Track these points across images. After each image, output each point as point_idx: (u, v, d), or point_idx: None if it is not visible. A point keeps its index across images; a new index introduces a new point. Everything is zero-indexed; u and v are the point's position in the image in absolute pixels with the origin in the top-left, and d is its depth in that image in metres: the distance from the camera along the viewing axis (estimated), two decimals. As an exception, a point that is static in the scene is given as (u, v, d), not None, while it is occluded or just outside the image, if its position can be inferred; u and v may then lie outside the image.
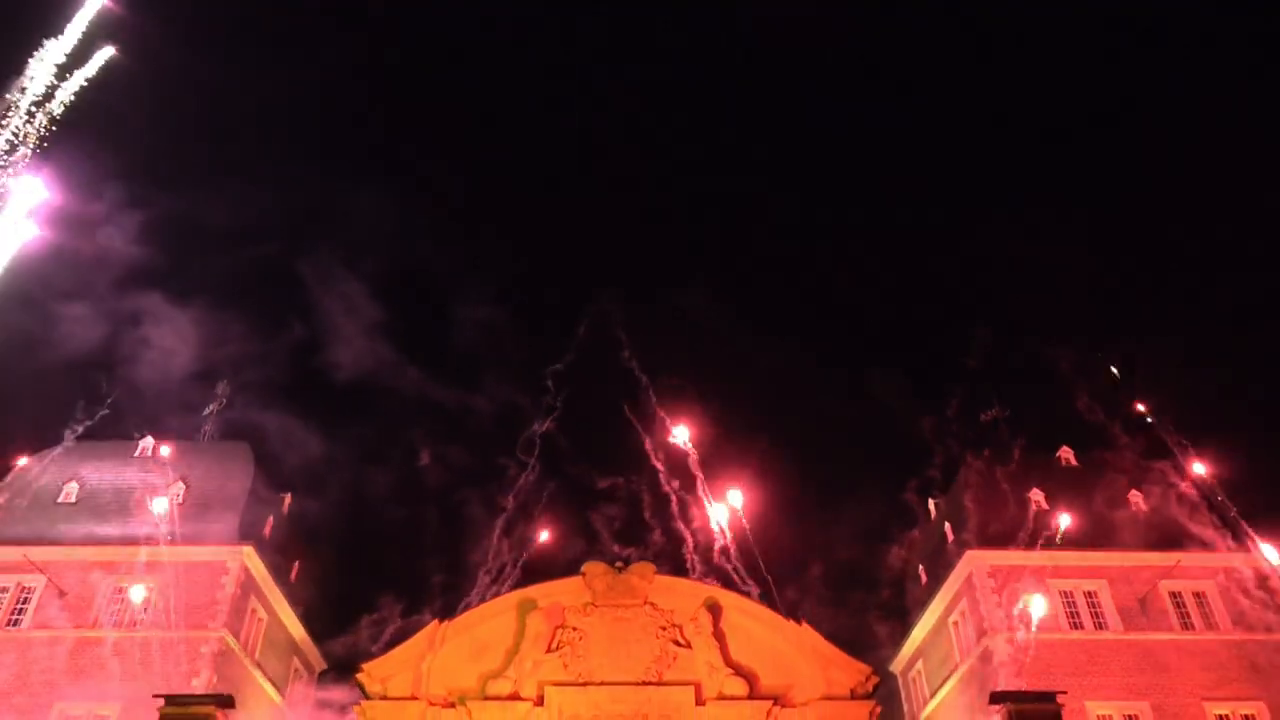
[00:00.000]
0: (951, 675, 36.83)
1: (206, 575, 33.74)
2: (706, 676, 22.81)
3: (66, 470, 36.84)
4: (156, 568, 33.73)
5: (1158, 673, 32.34)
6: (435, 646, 23.29)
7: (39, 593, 33.18)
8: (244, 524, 35.64)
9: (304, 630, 40.04)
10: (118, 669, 31.59)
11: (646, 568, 24.86)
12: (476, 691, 22.56)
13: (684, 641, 23.46)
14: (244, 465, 38.12)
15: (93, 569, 33.77)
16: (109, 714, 30.36)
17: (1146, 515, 36.23)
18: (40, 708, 30.14)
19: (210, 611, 32.94)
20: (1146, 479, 37.07)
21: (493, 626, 23.85)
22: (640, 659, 23.14)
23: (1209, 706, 31.59)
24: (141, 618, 33.03)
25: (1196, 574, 34.60)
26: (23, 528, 34.56)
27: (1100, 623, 33.93)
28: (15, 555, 33.29)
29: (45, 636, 32.13)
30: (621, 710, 22.29)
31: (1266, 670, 32.10)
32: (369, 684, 22.68)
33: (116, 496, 35.94)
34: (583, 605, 24.05)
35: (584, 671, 22.97)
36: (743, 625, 23.91)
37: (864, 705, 22.40)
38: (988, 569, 34.90)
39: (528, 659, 23.10)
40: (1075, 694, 30.62)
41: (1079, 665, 32.53)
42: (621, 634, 23.57)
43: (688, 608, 23.96)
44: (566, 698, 22.41)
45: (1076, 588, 34.68)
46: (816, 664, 23.02)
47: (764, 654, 23.37)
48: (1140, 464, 37.36)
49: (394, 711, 22.10)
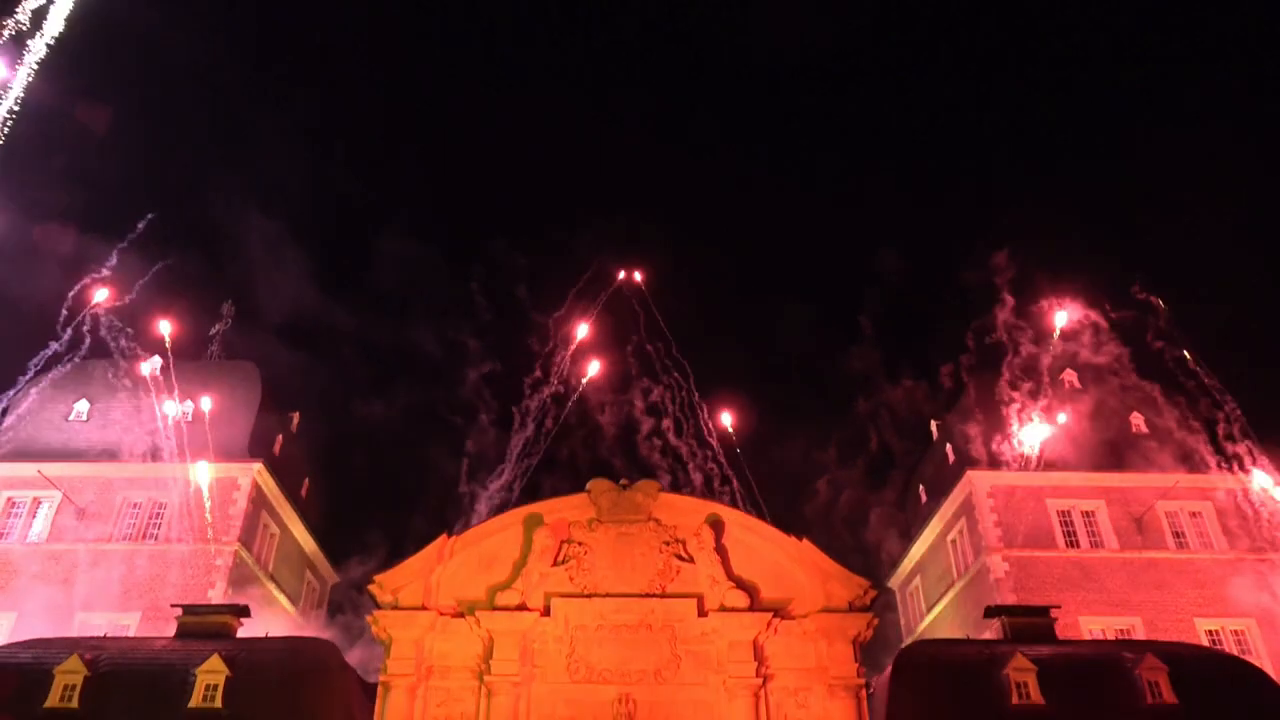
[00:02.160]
0: (949, 591, 37.66)
1: (218, 491, 34.34)
2: (708, 589, 23.31)
3: (76, 389, 37.19)
4: (168, 484, 34.34)
5: (1151, 590, 33.03)
6: (444, 559, 23.78)
7: (54, 507, 33.87)
8: (253, 442, 36.12)
9: (315, 545, 40.92)
10: (134, 581, 32.46)
11: (651, 485, 25.17)
12: (485, 602, 23.10)
13: (687, 556, 23.90)
14: (251, 384, 38.42)
15: (105, 485, 34.41)
16: (129, 623, 31.28)
17: (1147, 437, 36.50)
18: (61, 618, 31.03)
19: (223, 526, 33.65)
20: (1148, 401, 37.24)
21: (500, 540, 24.29)
22: (644, 572, 23.63)
23: (1200, 623, 32.33)
24: (155, 532, 33.80)
25: (1194, 495, 35.04)
26: (36, 444, 35.07)
27: (1097, 541, 34.51)
28: (30, 471, 33.89)
29: (63, 550, 32.93)
30: (626, 620, 22.85)
31: (1258, 589, 32.73)
32: (380, 595, 23.23)
33: (126, 414, 36.33)
34: (588, 521, 24.43)
35: (589, 584, 23.49)
36: (744, 540, 24.32)
37: (862, 617, 22.89)
38: (987, 488, 35.38)
39: (534, 571, 23.60)
40: (1069, 609, 31.34)
41: (1074, 582, 33.21)
42: (626, 548, 24.02)
43: (691, 523, 24.34)
44: (572, 608, 22.96)
45: (1074, 507, 35.18)
46: (816, 578, 23.47)
47: (765, 568, 23.83)
48: (1143, 386, 37.48)
49: (405, 620, 22.67)
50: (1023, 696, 22.58)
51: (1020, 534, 34.26)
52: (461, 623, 22.86)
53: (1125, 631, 31.84)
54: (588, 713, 22.08)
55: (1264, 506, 34.76)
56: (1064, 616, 29.41)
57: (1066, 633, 29.03)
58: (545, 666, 22.55)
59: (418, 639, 22.62)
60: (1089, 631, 31.72)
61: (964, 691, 22.77)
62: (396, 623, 22.74)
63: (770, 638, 22.74)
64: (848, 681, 22.09)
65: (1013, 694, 22.63)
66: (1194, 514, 35.03)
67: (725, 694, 22.06)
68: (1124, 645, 26.57)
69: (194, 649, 23.61)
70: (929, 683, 23.21)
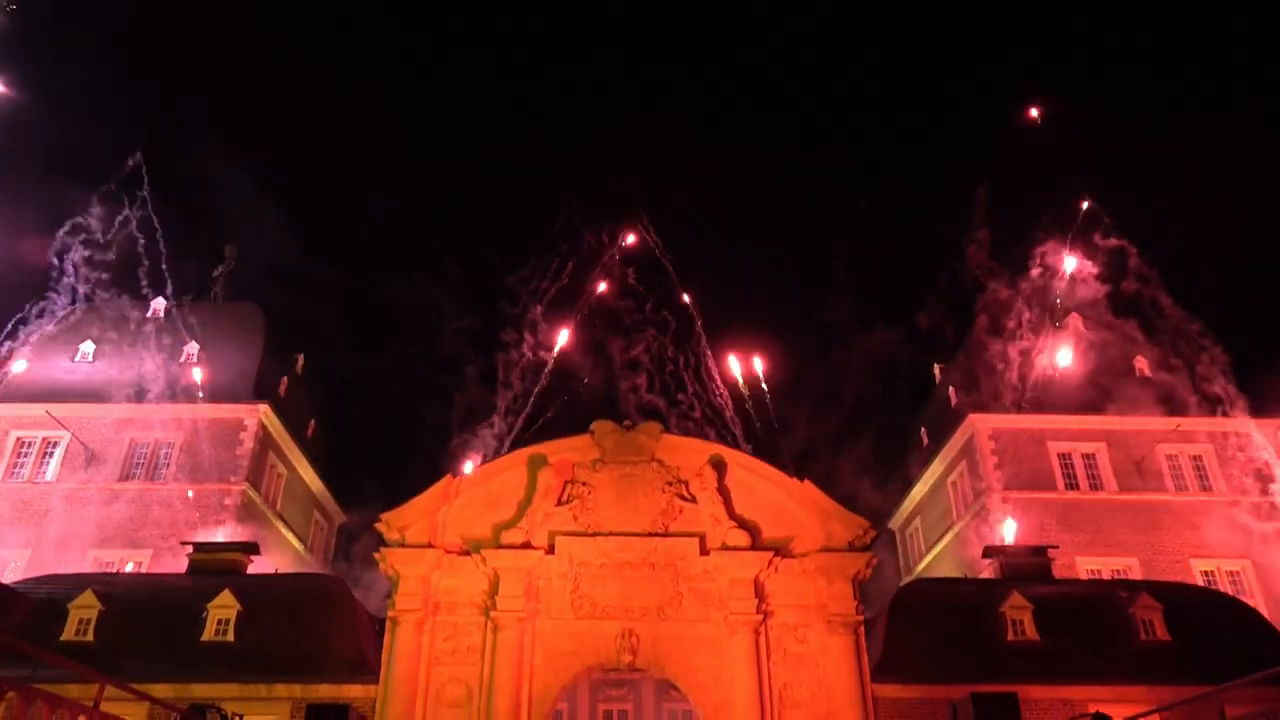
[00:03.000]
0: (948, 532, 38.12)
1: (225, 432, 34.66)
2: (710, 528, 23.57)
3: (80, 331, 37.32)
4: (175, 424, 34.65)
5: (1149, 531, 33.41)
6: (450, 498, 24.03)
7: (64, 448, 34.23)
8: (259, 383, 36.31)
9: (322, 485, 41.39)
10: (144, 520, 32.95)
11: (653, 426, 25.29)
12: (490, 540, 23.41)
13: (689, 496, 24.12)
14: (255, 326, 38.50)
15: (113, 425, 34.71)
16: (141, 560, 31.84)
17: (1150, 381, 36.55)
18: (75, 555, 31.57)
19: (231, 466, 34.03)
20: (1152, 345, 37.22)
21: (504, 480, 24.52)
22: (647, 512, 23.88)
23: (1196, 564, 32.76)
24: (164, 472, 34.19)
25: (1195, 438, 35.24)
26: (42, 385, 35.28)
27: (1096, 484, 34.81)
28: (38, 412, 34.16)
29: (73, 489, 33.36)
30: (629, 558, 23.17)
31: (1256, 531, 33.07)
32: (387, 533, 23.52)
33: (131, 356, 36.50)
34: (591, 462, 24.59)
35: (593, 523, 23.76)
36: (746, 481, 24.51)
37: (861, 556, 23.16)
38: (989, 431, 35.59)
39: (539, 511, 23.86)
40: (1067, 550, 31.75)
41: (1073, 524, 33.58)
42: (629, 488, 24.24)
43: (693, 464, 24.51)
44: (576, 546, 23.28)
45: (1075, 450, 35.41)
46: (817, 518, 23.72)
47: (766, 508, 24.06)
48: (1147, 330, 37.42)
49: (412, 558, 23.01)
50: (1018, 633, 23.00)
51: (1020, 476, 34.56)
52: (467, 560, 23.20)
53: (1121, 572, 32.26)
54: (591, 647, 22.54)
55: (1262, 449, 34.97)
56: (1061, 557, 29.82)
57: (1064, 573, 29.46)
58: (550, 603, 22.95)
59: (424, 576, 22.99)
60: (1086, 571, 32.16)
61: (961, 628, 23.18)
62: (403, 560, 23.10)
63: (771, 575, 23.08)
64: (846, 618, 22.46)
65: (1009, 631, 23.05)
66: (1194, 456, 35.27)
67: (726, 629, 22.48)
68: (1120, 585, 26.98)
69: (205, 585, 24.06)
70: (926, 619, 23.62)
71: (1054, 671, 21.61)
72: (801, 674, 22.10)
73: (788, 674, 22.11)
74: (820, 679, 21.98)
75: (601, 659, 22.67)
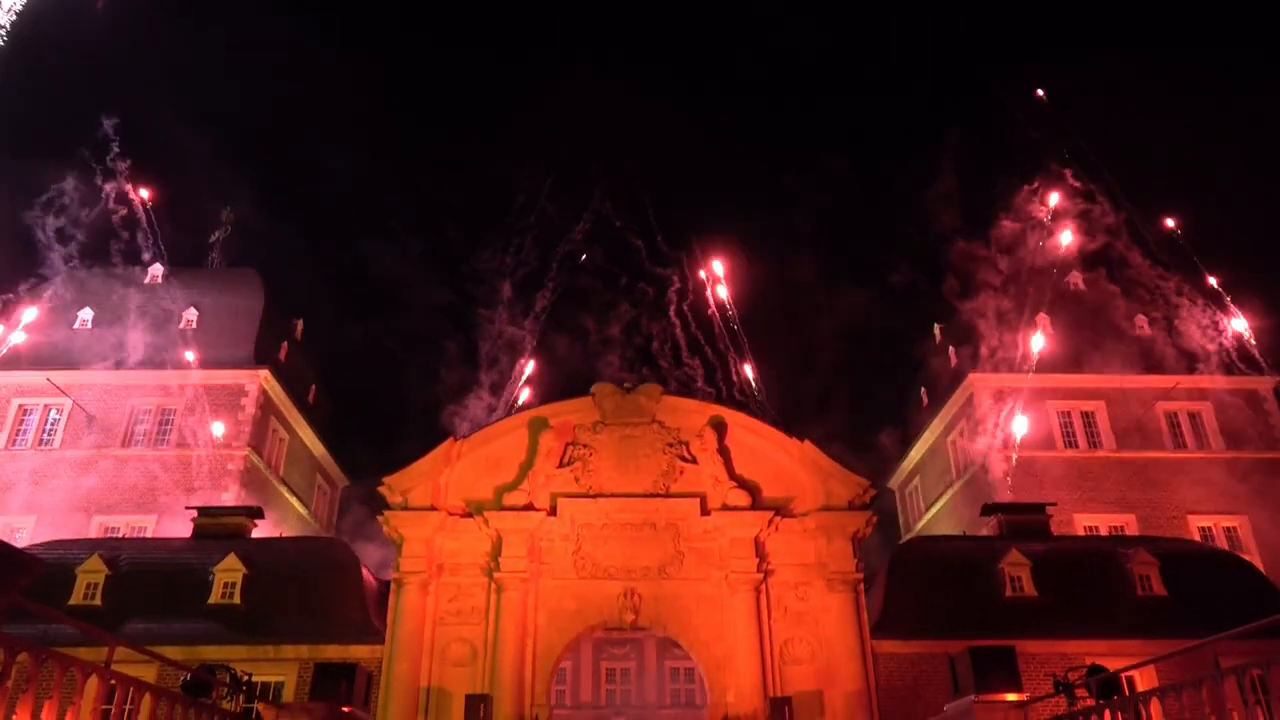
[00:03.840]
0: (947, 490, 38.38)
1: (226, 398, 34.72)
2: (711, 488, 23.74)
3: (79, 297, 37.23)
4: (177, 390, 34.70)
5: (1147, 488, 33.63)
6: (451, 461, 24.17)
7: (66, 415, 34.32)
8: (259, 348, 36.30)
9: (324, 449, 41.56)
10: (149, 486, 33.13)
11: (653, 388, 25.35)
12: (492, 502, 23.59)
13: (690, 457, 24.26)
14: (254, 291, 38.40)
15: (114, 392, 34.75)
16: (146, 525, 32.06)
17: (1150, 339, 36.56)
18: (79, 521, 31.80)
19: (233, 431, 34.13)
20: (1153, 302, 37.18)
21: (506, 443, 24.64)
22: (648, 473, 24.03)
23: (1193, 520, 33.01)
24: (166, 437, 34.32)
25: (1195, 396, 35.32)
26: (43, 353, 35.27)
27: (1095, 442, 34.97)
28: (39, 380, 34.19)
29: (77, 455, 33.50)
30: (630, 519, 23.37)
31: (1253, 487, 33.28)
32: (390, 496, 23.69)
33: (131, 323, 36.42)
34: (592, 424, 24.69)
35: (594, 484, 23.92)
36: (746, 442, 24.63)
37: (861, 515, 23.35)
38: (989, 391, 35.68)
39: (540, 473, 24.01)
40: (1065, 508, 31.96)
41: (1071, 482, 33.78)
42: (630, 450, 24.37)
43: (694, 425, 24.62)
44: (578, 508, 23.46)
45: (1075, 408, 35.53)
46: (817, 477, 23.87)
47: (766, 468, 24.21)
48: (1148, 288, 37.36)
49: (415, 520, 23.20)
50: (1016, 589, 23.26)
51: (1020, 435, 34.68)
52: (470, 522, 23.39)
53: (1119, 528, 32.52)
54: (594, 606, 22.81)
55: (1265, 405, 35.09)
56: (1060, 514, 30.04)
57: (1062, 530, 29.69)
58: (552, 563, 23.19)
59: (428, 538, 23.19)
60: (1084, 528, 32.40)
61: (959, 585, 23.44)
62: (407, 522, 23.29)
63: (771, 535, 23.28)
64: (846, 576, 22.70)
65: (1006, 587, 23.30)
66: (1193, 414, 35.40)
67: (727, 588, 22.72)
68: (1117, 541, 27.21)
69: (211, 549, 24.27)
70: (925, 577, 23.88)
71: (1051, 626, 21.88)
72: (802, 631, 22.40)
73: (788, 631, 22.41)
74: (820, 635, 22.28)
75: (604, 618, 22.96)
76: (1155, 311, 36.97)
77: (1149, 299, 37.18)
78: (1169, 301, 36.74)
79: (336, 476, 43.67)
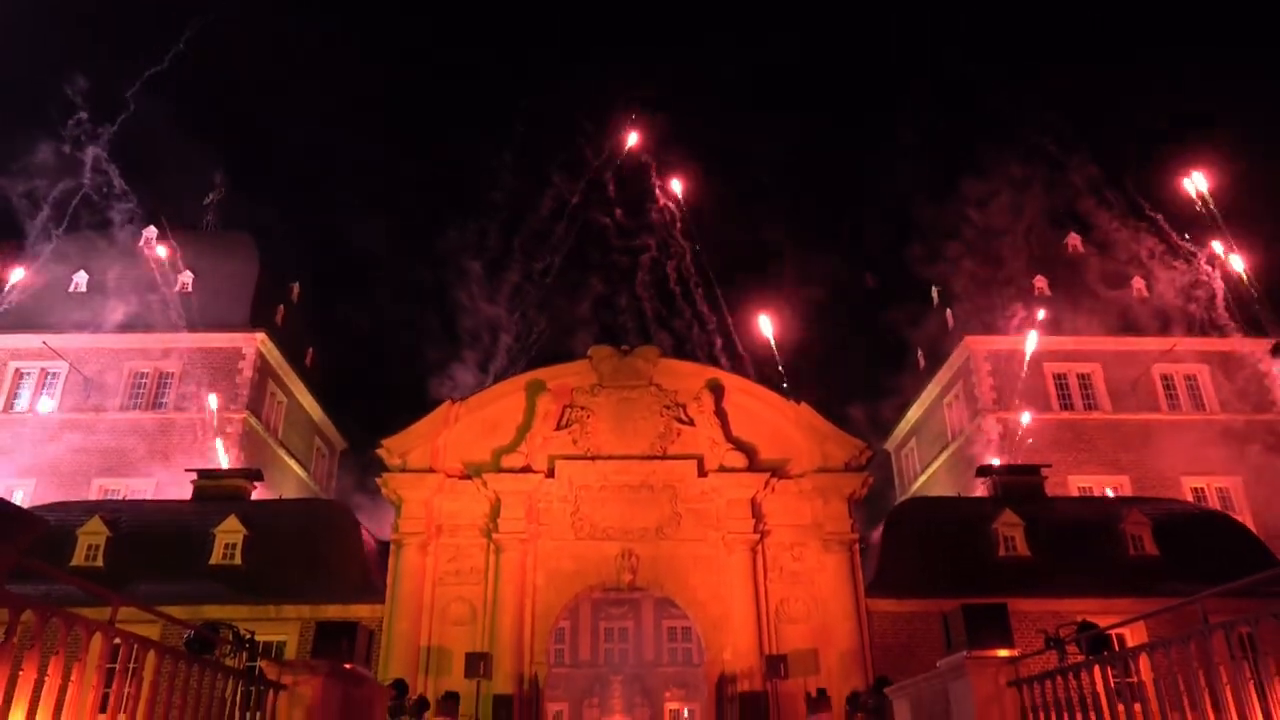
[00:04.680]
0: (942, 452, 38.61)
1: (223, 361, 34.74)
2: (708, 450, 23.87)
3: (73, 261, 37.01)
4: (175, 354, 34.71)
5: (1142, 450, 33.85)
6: (449, 424, 24.25)
7: (63, 378, 34.33)
8: (255, 312, 36.22)
9: (322, 412, 41.67)
10: (147, 449, 33.25)
11: (651, 351, 25.38)
12: (490, 464, 23.71)
13: (687, 419, 24.35)
14: (249, 254, 38.23)
15: (111, 355, 34.75)
16: (145, 488, 32.21)
17: (1148, 301, 36.59)
18: (79, 483, 31.96)
19: (231, 394, 34.18)
20: (1151, 265, 37.14)
21: (503, 406, 24.70)
22: (645, 435, 24.14)
23: (1186, 481, 33.27)
24: (163, 401, 34.38)
25: (1191, 358, 35.43)
26: (37, 316, 35.16)
27: (1091, 404, 35.15)
28: (35, 343, 34.15)
29: (75, 419, 33.56)
30: (627, 480, 23.52)
31: (1247, 449, 33.52)
32: (388, 458, 23.80)
33: (126, 286, 36.32)
34: (590, 386, 24.75)
35: (592, 446, 24.03)
36: (744, 404, 24.72)
37: (856, 477, 23.52)
38: (985, 353, 35.76)
39: (538, 435, 24.11)
40: (1060, 469, 32.17)
41: (1066, 443, 34.00)
42: (628, 412, 24.46)
43: (691, 388, 24.68)
44: (575, 470, 23.60)
45: (1071, 370, 35.65)
46: (813, 439, 24.00)
47: (763, 430, 24.33)
48: (1147, 250, 37.29)
49: (413, 482, 23.34)
50: (1009, 549, 23.51)
51: (1015, 397, 34.84)
52: (468, 484, 23.53)
53: (1113, 489, 32.78)
54: (592, 566, 23.05)
55: (1257, 367, 35.21)
56: (1054, 476, 30.26)
57: (1056, 491, 29.94)
58: (551, 524, 23.37)
59: (426, 499, 23.34)
60: (1078, 490, 32.68)
61: (953, 545, 23.68)
62: (405, 484, 23.43)
63: (768, 496, 23.45)
64: (842, 537, 22.92)
65: (1000, 547, 23.56)
66: (1189, 376, 35.53)
67: (724, 548, 22.94)
68: (1110, 502, 27.48)
69: (211, 511, 24.41)
70: (920, 537, 24.11)
71: (1043, 585, 22.13)
72: (797, 590, 22.66)
73: (784, 590, 22.68)
74: (816, 595, 22.55)
75: (602, 578, 23.21)
76: (1153, 273, 36.94)
77: (1147, 261, 37.12)
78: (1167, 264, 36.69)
79: (335, 440, 43.84)
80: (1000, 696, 7.92)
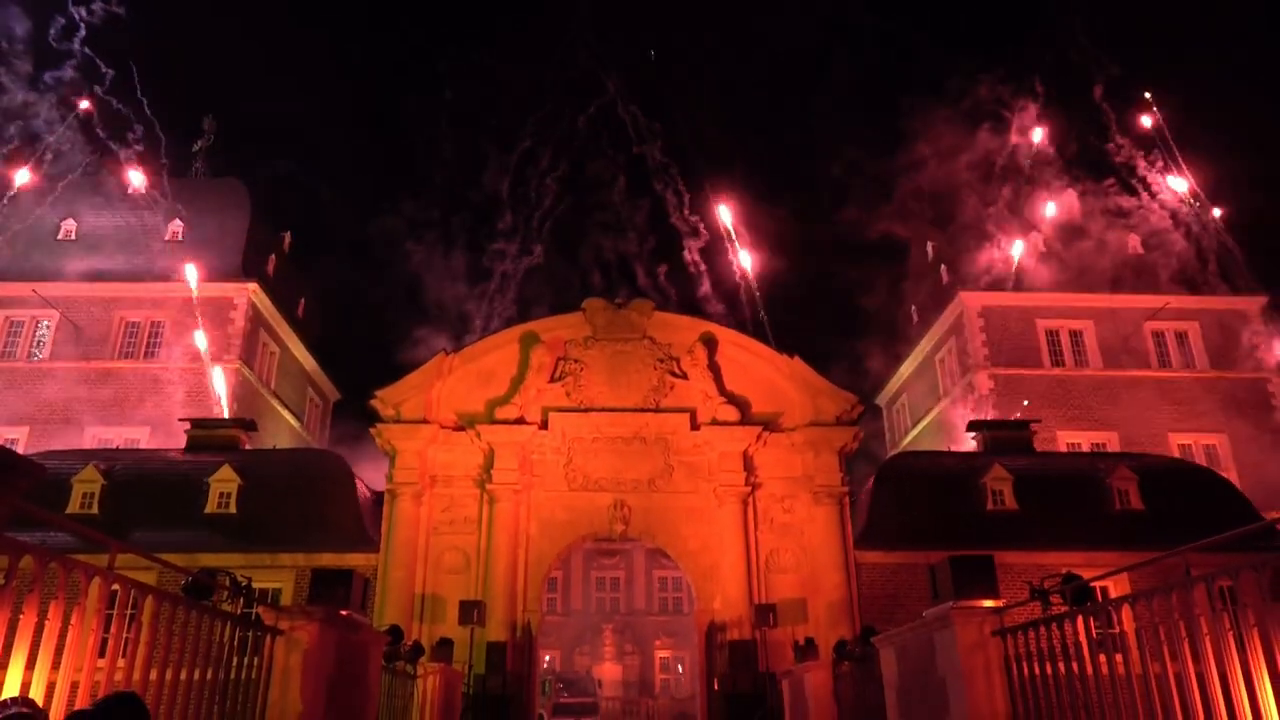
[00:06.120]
0: (934, 408, 38.85)
1: (215, 311, 34.54)
2: (701, 403, 24.00)
3: (60, 208, 36.49)
4: (167, 303, 34.50)
5: (1130, 407, 34.08)
6: (443, 375, 24.29)
7: (54, 327, 34.12)
8: (246, 261, 35.95)
9: (316, 363, 41.61)
10: (140, 399, 33.21)
11: (645, 304, 25.37)
12: (484, 416, 23.82)
13: (680, 372, 24.44)
14: (240, 202, 37.79)
15: (101, 304, 34.50)
16: (139, 437, 32.24)
17: (1140, 258, 36.58)
18: (73, 432, 31.94)
19: (223, 345, 34.06)
20: (1146, 222, 37.06)
21: (497, 358, 24.74)
22: (639, 388, 24.24)
23: (1174, 438, 33.57)
24: (155, 350, 34.25)
25: (1183, 316, 35.52)
26: (26, 264, 34.84)
27: (1082, 360, 35.30)
28: (24, 291, 33.88)
29: (67, 368, 33.44)
30: (620, 433, 23.67)
31: (1234, 406, 33.79)
32: (382, 409, 23.86)
33: (116, 233, 35.99)
34: (583, 339, 24.78)
35: (585, 399, 24.14)
36: (737, 358, 24.80)
37: (848, 430, 23.70)
38: (978, 309, 35.80)
39: (532, 387, 24.19)
40: (1049, 424, 32.44)
41: (1056, 399, 34.21)
42: (621, 365, 24.52)
43: (685, 341, 24.74)
44: (569, 422, 23.72)
45: (1063, 327, 35.73)
46: (806, 393, 24.13)
47: (756, 384, 24.45)
48: (1141, 207, 37.19)
49: (407, 433, 23.43)
50: (998, 503, 23.81)
51: (1007, 353, 34.99)
52: (462, 435, 23.65)
53: (1101, 445, 33.08)
54: (584, 517, 23.29)
55: (1248, 326, 35.35)
56: (1044, 431, 30.53)
57: (1045, 446, 30.20)
58: (544, 475, 23.56)
59: (420, 450, 23.46)
60: (1066, 445, 32.95)
61: (942, 498, 23.96)
62: (399, 435, 23.52)
63: (759, 449, 23.63)
64: (832, 489, 23.16)
65: (989, 500, 23.85)
66: (1180, 334, 35.67)
67: (715, 500, 23.18)
68: (1098, 457, 27.77)
69: (205, 460, 24.52)
70: (909, 490, 24.38)
71: (1030, 538, 22.46)
72: (787, 541, 22.97)
73: (774, 542, 22.98)
74: (805, 546, 22.86)
75: (595, 529, 23.47)
76: (1146, 230, 36.89)
77: (1142, 218, 37.04)
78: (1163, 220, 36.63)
79: (329, 390, 43.84)
80: (985, 645, 8.08)
